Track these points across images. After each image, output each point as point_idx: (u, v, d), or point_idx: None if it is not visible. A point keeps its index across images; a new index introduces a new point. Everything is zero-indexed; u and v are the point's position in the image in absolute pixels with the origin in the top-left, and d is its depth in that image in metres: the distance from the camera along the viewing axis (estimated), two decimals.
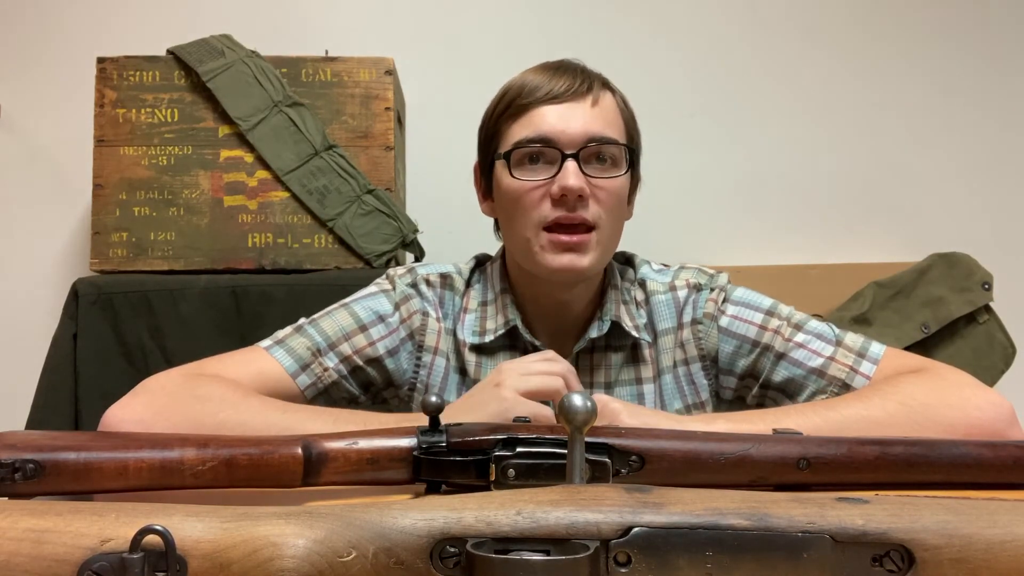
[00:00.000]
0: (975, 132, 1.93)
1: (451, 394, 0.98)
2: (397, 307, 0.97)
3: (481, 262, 1.06)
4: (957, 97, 1.93)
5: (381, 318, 0.95)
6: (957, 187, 1.92)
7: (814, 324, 0.95)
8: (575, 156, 0.88)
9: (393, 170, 1.56)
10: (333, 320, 0.94)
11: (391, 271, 1.02)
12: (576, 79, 0.92)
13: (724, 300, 0.98)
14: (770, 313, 0.96)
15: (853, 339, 0.92)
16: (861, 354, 0.90)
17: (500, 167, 0.93)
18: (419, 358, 0.98)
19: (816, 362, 0.90)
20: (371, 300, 0.97)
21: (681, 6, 1.91)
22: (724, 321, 0.96)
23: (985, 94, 1.93)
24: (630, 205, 1.00)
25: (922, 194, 1.92)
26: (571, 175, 0.87)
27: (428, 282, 1.00)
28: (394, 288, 0.98)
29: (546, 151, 0.90)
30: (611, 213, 0.91)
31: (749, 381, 0.96)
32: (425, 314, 0.98)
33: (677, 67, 1.90)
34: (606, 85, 0.95)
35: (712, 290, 0.99)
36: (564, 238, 0.88)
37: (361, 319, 0.94)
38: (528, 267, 0.94)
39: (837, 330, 0.94)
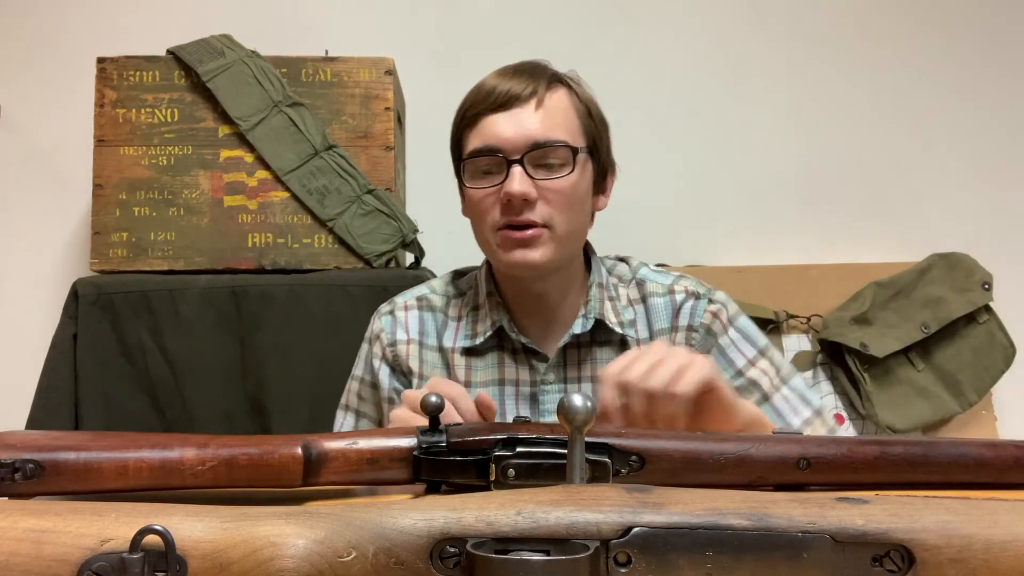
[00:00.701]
0: (975, 132, 1.93)
1: (452, 413, 1.00)
2: (371, 347, 1.05)
3: (461, 274, 1.10)
4: (957, 97, 1.93)
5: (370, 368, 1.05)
6: (957, 187, 1.92)
7: (798, 381, 1.00)
8: (519, 161, 0.91)
9: (393, 170, 1.56)
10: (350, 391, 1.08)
11: (377, 311, 1.08)
12: (522, 83, 0.94)
13: (728, 321, 1.00)
14: (763, 352, 1.00)
15: (828, 415, 0.99)
16: (832, 430, 0.97)
17: (462, 174, 0.97)
18: (409, 383, 1.03)
19: (795, 421, 0.95)
20: (367, 363, 1.06)
21: (681, 6, 1.91)
22: (723, 341, 0.99)
23: (985, 94, 1.93)
24: (603, 195, 1.02)
25: (922, 194, 1.91)
26: (515, 181, 0.91)
27: (406, 307, 1.06)
28: (369, 339, 1.06)
29: (494, 159, 0.93)
30: (564, 211, 0.94)
31: None
32: (393, 344, 1.03)
33: (677, 67, 1.90)
34: (558, 82, 0.97)
35: (711, 302, 1.01)
36: (514, 235, 0.92)
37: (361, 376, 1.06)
38: (495, 264, 0.99)
39: (816, 400, 0.98)
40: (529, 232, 0.92)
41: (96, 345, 1.47)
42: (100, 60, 1.55)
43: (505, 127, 0.92)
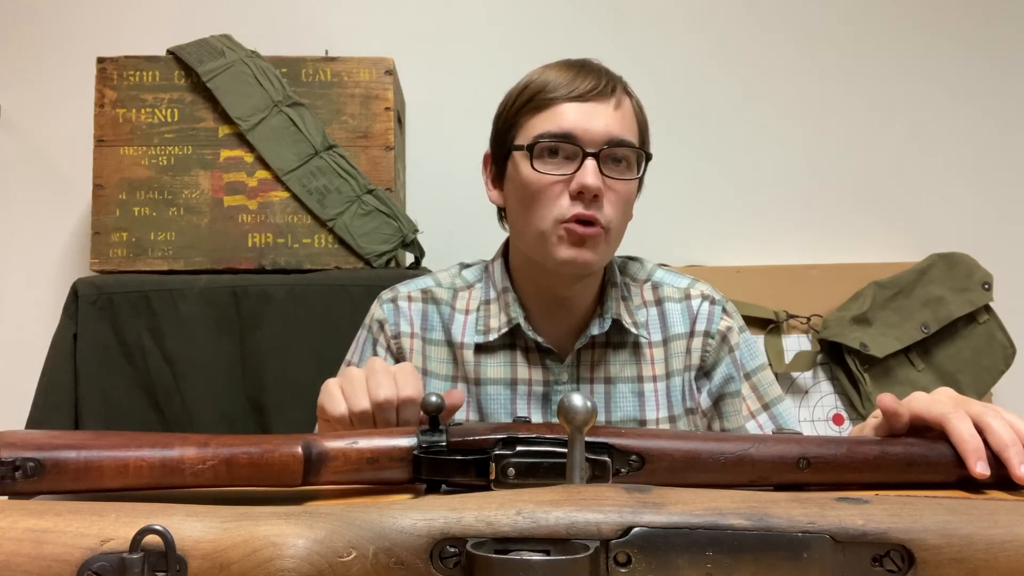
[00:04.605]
0: (975, 132, 1.93)
1: (460, 408, 0.99)
2: (374, 335, 1.03)
3: (467, 267, 1.08)
4: (957, 97, 1.93)
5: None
6: (957, 187, 1.92)
7: (786, 406, 1.03)
8: (595, 155, 0.90)
9: (393, 170, 1.56)
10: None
11: (379, 297, 1.06)
12: (601, 80, 0.93)
13: (740, 330, 1.04)
14: (762, 368, 1.03)
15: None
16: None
17: (519, 158, 0.94)
18: None
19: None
20: (366, 351, 1.03)
21: (681, 7, 1.91)
22: (736, 354, 1.02)
23: (985, 94, 1.93)
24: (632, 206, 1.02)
25: (922, 194, 1.92)
26: (590, 173, 0.89)
27: (410, 298, 1.03)
28: (370, 326, 1.04)
29: (567, 147, 0.91)
30: (620, 213, 0.93)
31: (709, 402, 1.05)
32: (398, 336, 1.01)
33: (677, 67, 1.90)
34: (626, 89, 0.97)
35: (725, 311, 1.03)
36: (580, 229, 0.90)
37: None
38: (537, 258, 0.95)
39: (795, 425, 1.00)
40: (592, 230, 0.90)
41: (96, 345, 1.46)
42: (100, 60, 1.55)
43: (584, 119, 0.91)
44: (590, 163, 0.90)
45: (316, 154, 1.53)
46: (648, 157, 0.97)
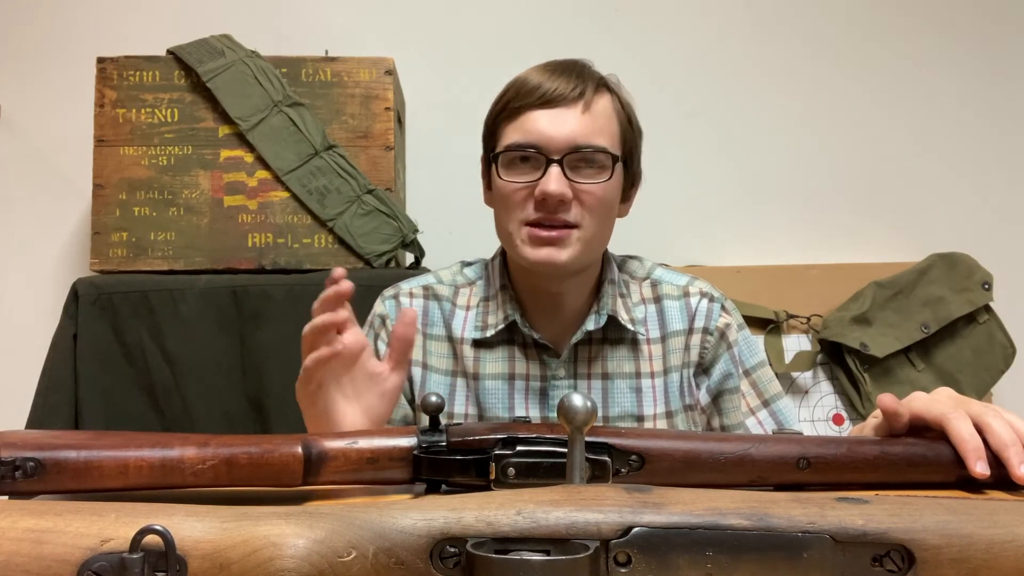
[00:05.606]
0: (975, 132, 1.93)
1: (459, 402, 0.99)
2: (376, 331, 1.03)
3: (468, 264, 1.10)
4: (957, 97, 1.93)
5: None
6: (957, 187, 1.92)
7: (785, 403, 1.03)
8: (559, 162, 0.91)
9: (393, 170, 1.56)
10: None
11: (381, 294, 1.07)
12: (570, 83, 0.93)
13: (739, 327, 1.04)
14: (761, 365, 1.03)
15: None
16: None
17: (495, 165, 0.96)
18: (409, 375, 1.01)
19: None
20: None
21: (681, 6, 1.91)
22: (735, 350, 1.02)
23: (985, 94, 1.93)
24: (626, 203, 1.02)
25: (922, 194, 1.91)
26: (552, 181, 0.90)
27: (411, 294, 1.05)
28: (372, 322, 1.05)
29: (532, 155, 0.92)
30: (595, 214, 0.93)
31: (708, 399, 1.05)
32: None
33: (677, 67, 1.90)
34: (604, 87, 0.97)
35: (724, 308, 1.03)
36: (543, 233, 0.92)
37: None
38: (515, 258, 0.97)
39: (795, 424, 1.00)
40: (556, 232, 0.91)
41: (96, 345, 1.46)
42: (100, 60, 1.55)
43: (549, 125, 0.91)
44: (554, 170, 0.90)
45: (316, 154, 1.53)
46: (616, 159, 0.94)
